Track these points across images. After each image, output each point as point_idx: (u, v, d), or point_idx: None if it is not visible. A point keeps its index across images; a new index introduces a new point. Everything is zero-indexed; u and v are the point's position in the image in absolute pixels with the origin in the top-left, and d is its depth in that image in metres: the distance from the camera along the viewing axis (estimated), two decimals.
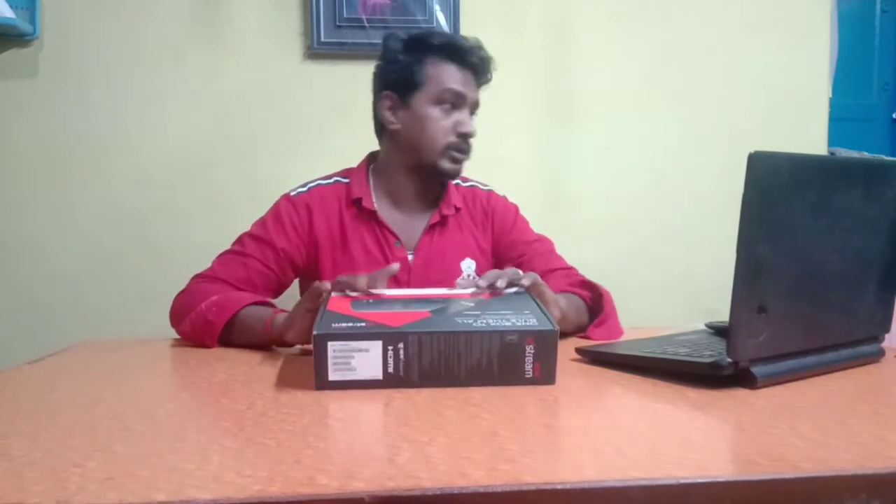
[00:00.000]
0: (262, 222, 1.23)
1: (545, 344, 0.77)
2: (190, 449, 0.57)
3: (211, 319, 1.04)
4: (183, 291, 1.15)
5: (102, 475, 0.50)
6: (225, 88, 1.68)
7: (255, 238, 1.20)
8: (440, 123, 1.20)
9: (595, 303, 1.15)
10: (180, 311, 1.10)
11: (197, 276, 1.17)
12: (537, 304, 0.87)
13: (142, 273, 1.67)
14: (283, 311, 1.03)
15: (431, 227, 1.26)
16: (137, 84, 1.66)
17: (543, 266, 1.23)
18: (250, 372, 0.86)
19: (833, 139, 1.93)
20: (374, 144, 1.32)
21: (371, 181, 1.27)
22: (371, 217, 1.24)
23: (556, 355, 0.77)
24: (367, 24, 1.68)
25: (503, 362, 0.76)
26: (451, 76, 1.20)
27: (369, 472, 0.50)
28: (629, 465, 0.52)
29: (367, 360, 0.75)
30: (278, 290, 1.23)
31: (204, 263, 1.19)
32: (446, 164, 1.21)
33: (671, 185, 1.83)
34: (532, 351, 0.76)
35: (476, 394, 0.73)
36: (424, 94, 1.20)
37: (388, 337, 0.75)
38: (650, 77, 1.82)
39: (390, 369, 0.75)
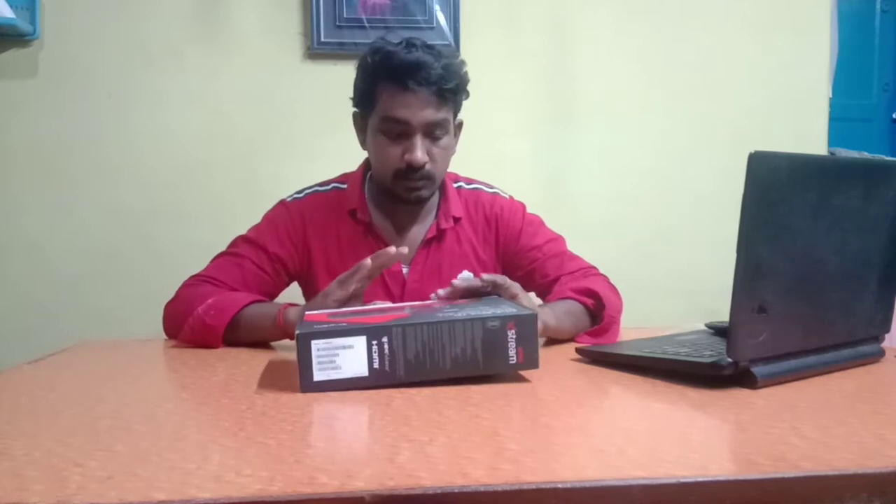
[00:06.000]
0: (256, 227, 1.22)
1: (526, 328, 0.77)
2: (190, 448, 0.57)
3: (210, 324, 1.02)
4: (173, 300, 1.13)
5: (103, 474, 0.50)
6: (225, 88, 1.68)
7: (249, 241, 1.19)
8: (386, 151, 1.13)
9: (599, 309, 1.09)
10: (175, 320, 1.09)
11: (189, 279, 1.16)
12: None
13: (142, 273, 1.67)
14: (292, 304, 1.03)
15: (428, 242, 1.22)
16: (137, 84, 1.66)
17: (554, 271, 1.20)
18: (250, 372, 0.86)
19: (833, 139, 1.93)
20: None
21: (367, 190, 1.24)
22: (367, 228, 1.21)
23: (537, 339, 0.79)
24: (367, 24, 1.68)
25: (487, 349, 0.77)
26: (394, 102, 1.10)
27: (370, 472, 0.50)
28: (629, 465, 0.52)
29: (352, 356, 0.74)
30: (273, 292, 1.22)
31: (204, 263, 1.19)
32: (402, 194, 1.16)
33: (671, 186, 1.83)
34: (514, 336, 0.77)
35: (476, 393, 0.73)
36: (373, 119, 1.14)
37: (372, 331, 0.75)
38: (650, 77, 1.82)
39: (375, 364, 0.75)
